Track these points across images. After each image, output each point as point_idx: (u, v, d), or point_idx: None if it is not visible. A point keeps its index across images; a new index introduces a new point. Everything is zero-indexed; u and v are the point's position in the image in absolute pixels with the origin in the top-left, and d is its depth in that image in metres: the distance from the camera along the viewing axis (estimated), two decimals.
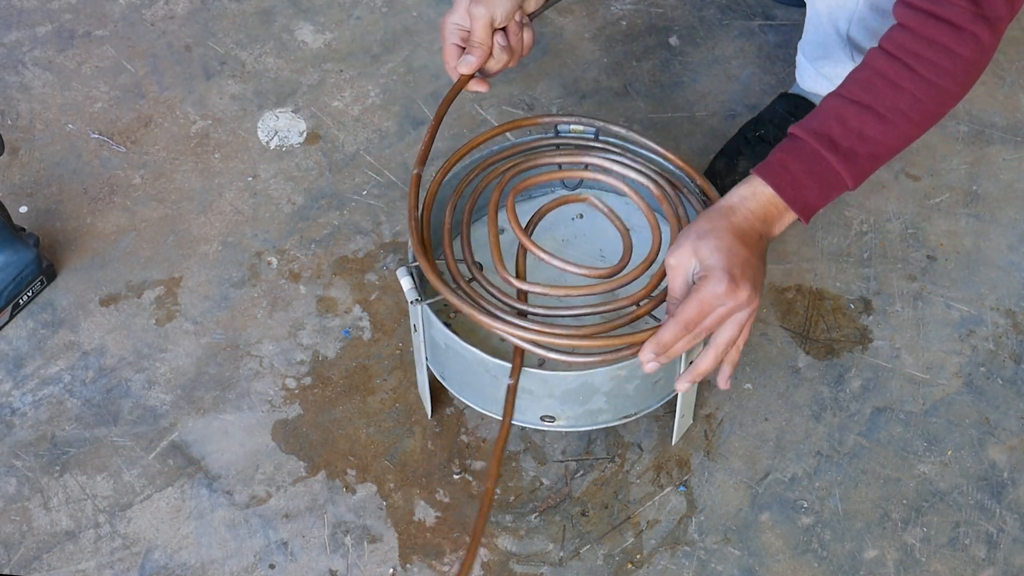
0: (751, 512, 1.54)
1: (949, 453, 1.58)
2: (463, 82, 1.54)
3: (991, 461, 1.57)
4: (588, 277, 1.45)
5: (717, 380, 1.39)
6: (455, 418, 1.62)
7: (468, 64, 1.51)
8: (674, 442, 1.58)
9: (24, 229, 1.72)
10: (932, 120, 1.35)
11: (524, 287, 1.44)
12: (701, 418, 1.61)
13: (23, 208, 1.81)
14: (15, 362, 1.67)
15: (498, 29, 1.51)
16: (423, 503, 1.55)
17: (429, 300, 1.44)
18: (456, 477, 1.57)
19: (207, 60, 1.99)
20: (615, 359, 1.37)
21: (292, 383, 1.65)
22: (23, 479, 1.57)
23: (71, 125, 1.91)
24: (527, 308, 1.43)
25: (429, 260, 1.42)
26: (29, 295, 1.70)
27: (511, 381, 1.39)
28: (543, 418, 1.47)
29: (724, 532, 1.52)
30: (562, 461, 1.58)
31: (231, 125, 1.91)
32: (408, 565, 1.50)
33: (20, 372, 1.66)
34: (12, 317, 1.70)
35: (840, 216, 1.78)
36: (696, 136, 1.89)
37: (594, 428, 1.51)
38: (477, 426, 1.61)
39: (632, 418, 1.49)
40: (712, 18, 2.03)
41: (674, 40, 2.00)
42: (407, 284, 1.45)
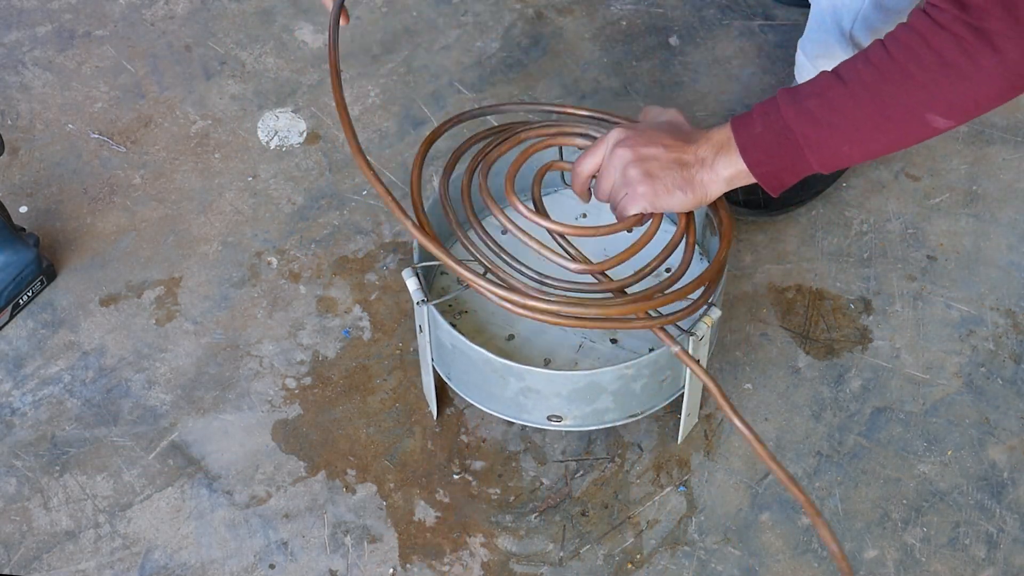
0: (751, 512, 1.54)
1: (949, 453, 1.58)
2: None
3: (991, 461, 1.57)
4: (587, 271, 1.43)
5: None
6: (455, 418, 1.62)
7: None
8: (680, 440, 1.58)
9: (24, 229, 1.72)
10: (911, 96, 1.24)
11: (555, 227, 1.41)
12: (701, 418, 1.61)
13: (23, 208, 1.81)
14: (15, 362, 1.67)
15: None
16: (423, 503, 1.55)
17: (436, 301, 1.44)
18: (456, 477, 1.57)
19: (207, 60, 1.99)
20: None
21: (292, 383, 1.65)
22: (23, 479, 1.57)
23: (71, 125, 1.91)
24: (510, 261, 1.41)
25: (443, 249, 1.38)
26: (29, 295, 1.70)
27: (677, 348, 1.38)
28: (550, 418, 1.47)
29: (724, 532, 1.52)
30: (562, 461, 1.58)
31: (231, 125, 1.91)
32: (408, 565, 1.50)
33: (20, 372, 1.66)
34: (12, 317, 1.70)
35: (840, 216, 1.78)
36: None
37: (602, 427, 1.50)
38: (477, 426, 1.61)
39: (638, 417, 1.49)
40: (712, 18, 2.03)
41: (674, 40, 2.00)
42: (413, 285, 1.45)
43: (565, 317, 1.34)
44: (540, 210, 1.43)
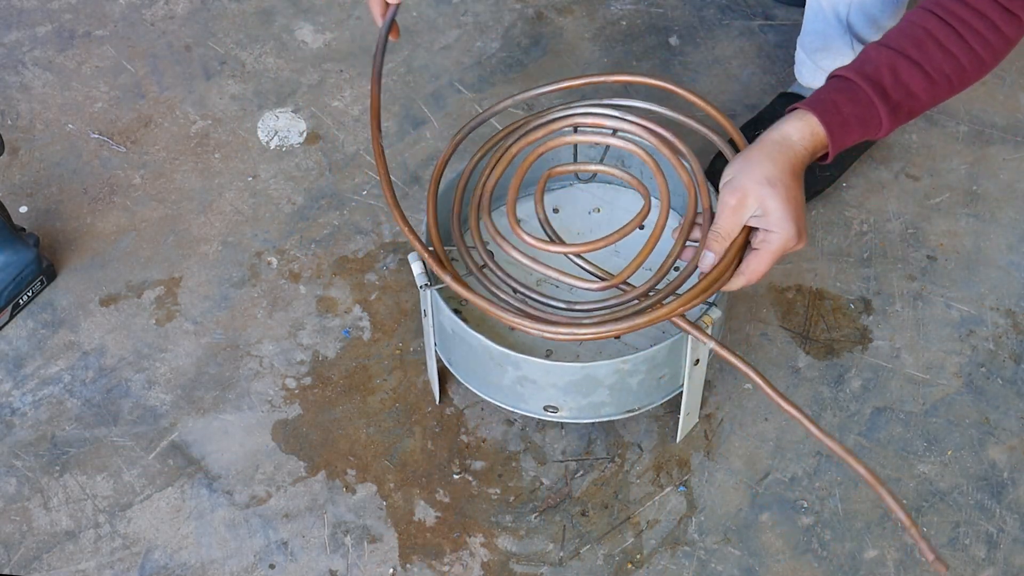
0: (751, 512, 1.54)
1: (949, 453, 1.58)
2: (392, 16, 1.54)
3: (991, 461, 1.57)
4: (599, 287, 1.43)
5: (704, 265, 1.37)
6: (455, 418, 1.62)
7: None
8: (679, 439, 1.58)
9: (24, 229, 1.72)
10: (963, 88, 1.38)
11: (570, 249, 1.42)
12: (701, 418, 1.61)
13: (23, 208, 1.81)
14: (15, 362, 1.67)
15: None
16: (423, 503, 1.55)
17: (439, 285, 1.45)
18: (456, 477, 1.57)
19: (207, 60, 1.99)
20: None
21: (292, 383, 1.65)
22: (23, 479, 1.57)
23: (71, 125, 1.91)
24: (537, 297, 1.42)
25: (474, 293, 1.41)
26: (29, 295, 1.70)
27: None
28: (546, 408, 1.47)
29: (724, 532, 1.52)
30: (562, 461, 1.58)
31: (231, 125, 1.91)
32: (408, 565, 1.50)
33: (20, 372, 1.66)
34: (12, 317, 1.70)
35: (840, 216, 1.78)
36: (696, 136, 1.88)
37: (597, 420, 1.51)
38: (477, 426, 1.61)
39: (635, 413, 1.49)
40: (712, 18, 2.03)
41: (674, 40, 2.00)
42: (417, 269, 1.46)
43: (599, 332, 1.36)
44: (551, 236, 1.44)
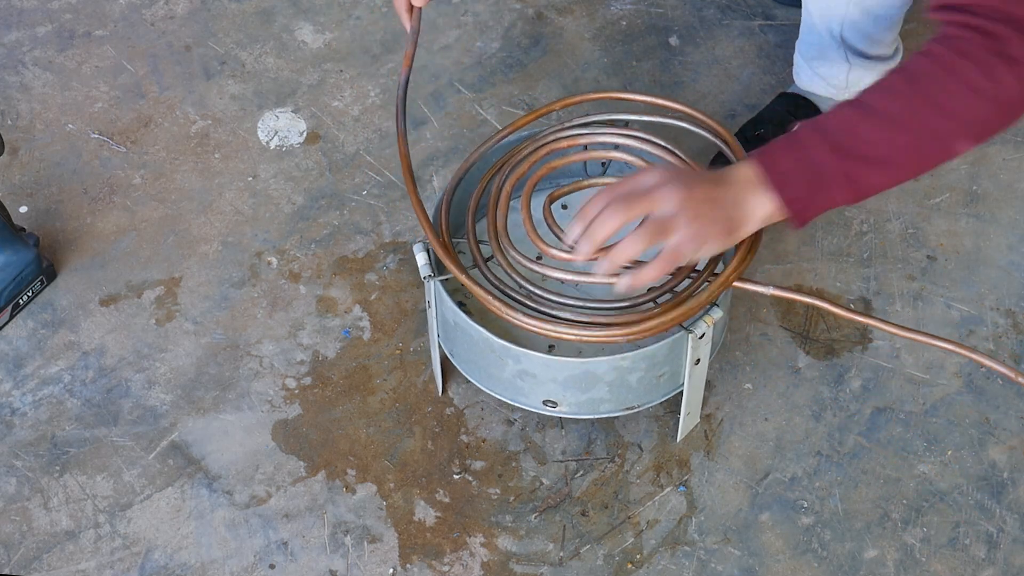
0: (751, 512, 1.54)
1: (949, 453, 1.58)
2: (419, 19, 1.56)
3: (991, 461, 1.57)
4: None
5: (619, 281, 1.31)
6: (455, 418, 1.62)
7: None
8: (679, 439, 1.58)
9: (24, 229, 1.72)
10: (932, 144, 1.26)
11: (546, 271, 1.42)
12: (701, 418, 1.61)
13: (23, 208, 1.81)
14: (15, 362, 1.67)
15: None
16: (423, 503, 1.55)
17: (442, 277, 1.45)
18: (456, 477, 1.57)
19: (207, 60, 1.99)
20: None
21: (292, 383, 1.65)
22: (23, 479, 1.57)
23: (71, 125, 1.91)
24: (542, 293, 1.42)
25: (446, 242, 1.42)
26: (29, 295, 1.70)
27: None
28: (545, 402, 1.47)
29: (724, 532, 1.52)
30: (562, 461, 1.58)
31: (231, 125, 1.91)
32: (408, 565, 1.50)
33: (20, 372, 1.66)
34: (12, 317, 1.70)
35: (840, 216, 1.78)
36: (696, 136, 1.88)
37: (596, 417, 1.51)
38: (477, 426, 1.61)
39: (635, 411, 1.50)
40: (712, 18, 2.03)
41: (674, 40, 2.00)
42: (422, 260, 1.47)
43: (615, 335, 1.37)
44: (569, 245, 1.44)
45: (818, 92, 1.76)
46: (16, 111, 1.93)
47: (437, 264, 1.48)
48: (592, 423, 1.60)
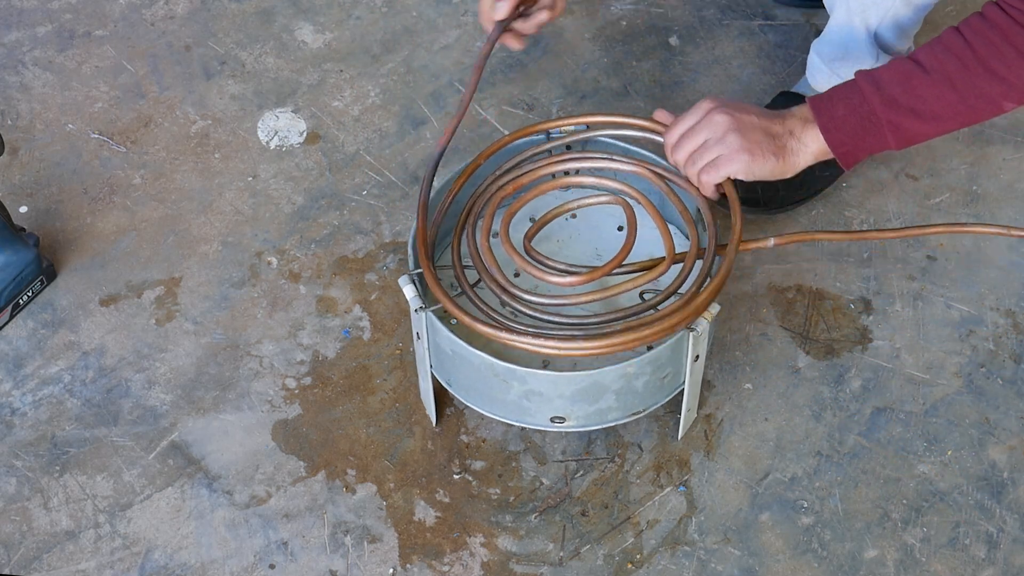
0: (751, 512, 1.54)
1: (949, 453, 1.58)
2: (498, 33, 1.56)
3: (991, 461, 1.57)
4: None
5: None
6: (455, 418, 1.62)
7: (502, 10, 1.54)
8: (680, 436, 1.58)
9: (24, 229, 1.72)
10: (984, 103, 1.36)
11: (544, 301, 1.44)
12: (701, 418, 1.61)
13: (23, 208, 1.81)
14: (15, 362, 1.67)
15: None
16: (423, 503, 1.55)
17: (433, 307, 1.44)
18: (456, 477, 1.57)
19: (207, 60, 1.99)
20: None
21: (292, 383, 1.65)
22: (23, 479, 1.57)
23: (71, 125, 1.91)
24: (530, 311, 1.43)
25: (430, 268, 1.43)
26: (29, 295, 1.70)
27: None
28: (553, 419, 1.47)
29: (724, 532, 1.52)
30: (562, 461, 1.58)
31: (231, 125, 1.91)
32: (408, 565, 1.50)
33: (20, 372, 1.66)
34: (12, 317, 1.70)
35: (840, 216, 1.78)
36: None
37: (604, 427, 1.51)
38: (477, 426, 1.61)
39: (641, 415, 1.49)
40: (712, 18, 2.03)
41: (674, 40, 2.00)
42: (410, 292, 1.45)
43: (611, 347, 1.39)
44: (569, 272, 1.46)
45: None
46: (16, 111, 1.93)
47: (426, 293, 1.48)
48: None
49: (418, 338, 1.49)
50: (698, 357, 1.47)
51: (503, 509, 1.54)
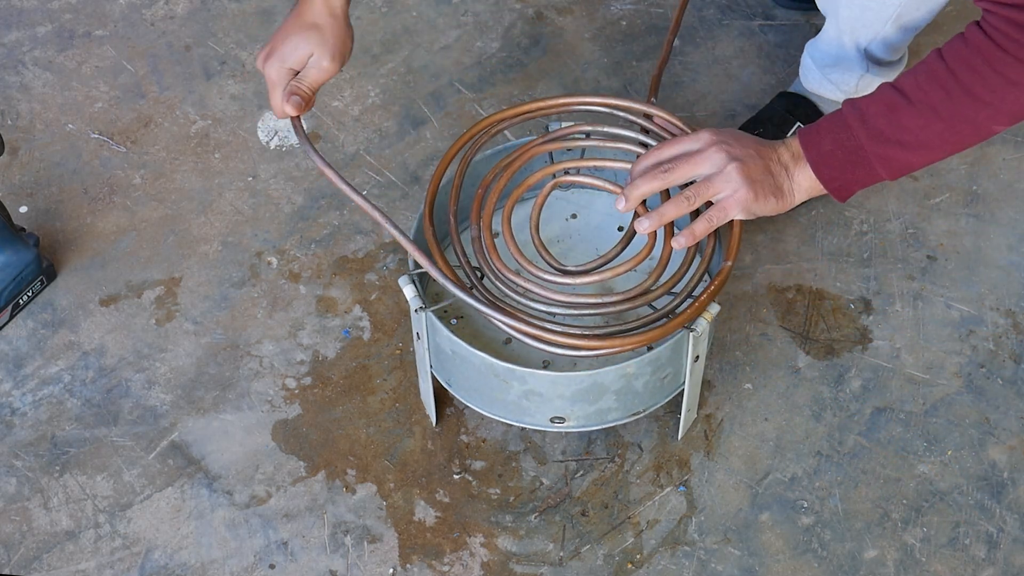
0: (751, 512, 1.54)
1: (949, 453, 1.58)
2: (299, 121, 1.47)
3: (991, 461, 1.57)
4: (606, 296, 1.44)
5: (673, 240, 1.40)
6: (455, 418, 1.62)
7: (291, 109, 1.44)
8: (680, 437, 1.58)
9: (24, 229, 1.72)
10: (971, 129, 1.33)
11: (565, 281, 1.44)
12: (701, 418, 1.61)
13: (23, 208, 1.81)
14: (15, 362, 1.67)
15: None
16: (423, 503, 1.55)
17: (433, 307, 1.44)
18: (456, 477, 1.57)
19: (207, 60, 1.99)
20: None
21: (292, 383, 1.65)
22: (23, 479, 1.57)
23: (71, 125, 1.91)
24: (537, 302, 1.42)
25: (445, 262, 1.42)
26: (29, 295, 1.70)
27: None
28: (553, 420, 1.47)
29: (724, 532, 1.52)
30: (562, 461, 1.58)
31: (231, 125, 1.91)
32: (408, 565, 1.50)
33: (20, 372, 1.66)
34: (12, 317, 1.70)
35: (840, 216, 1.78)
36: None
37: (604, 427, 1.51)
38: (477, 426, 1.61)
39: (641, 415, 1.49)
40: (712, 18, 2.03)
41: (674, 40, 2.00)
42: (410, 292, 1.45)
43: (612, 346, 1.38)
44: (565, 270, 1.45)
45: (826, 95, 1.76)
46: (16, 111, 1.93)
47: (426, 294, 1.47)
48: None
49: (418, 338, 1.49)
50: (698, 357, 1.47)
51: (503, 509, 1.54)
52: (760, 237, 1.76)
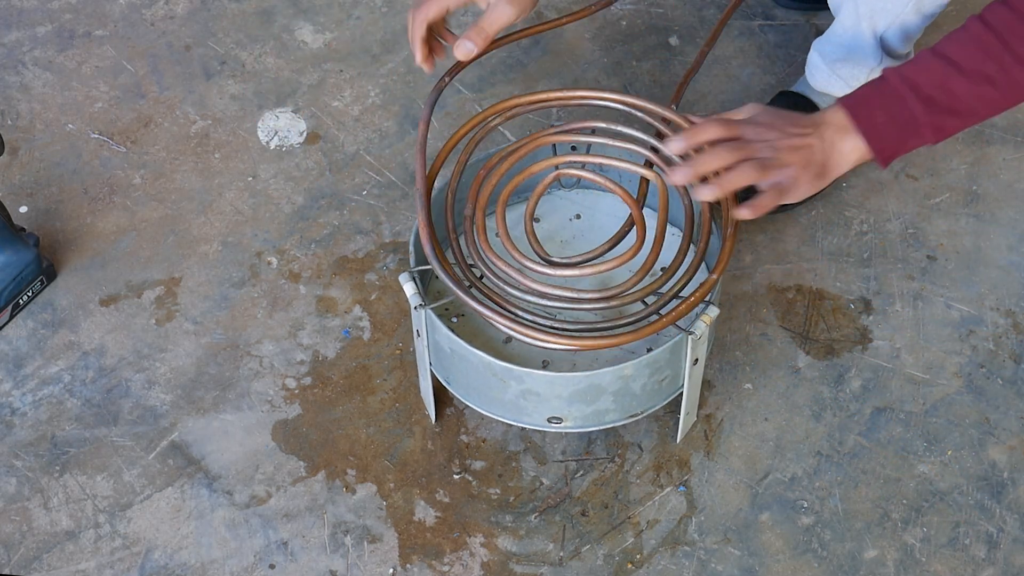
0: (751, 512, 1.54)
1: (949, 453, 1.58)
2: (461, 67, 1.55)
3: (991, 461, 1.57)
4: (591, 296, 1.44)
5: (736, 211, 1.39)
6: (455, 418, 1.62)
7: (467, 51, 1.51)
8: (679, 439, 1.58)
9: (24, 229, 1.72)
10: (1017, 92, 1.36)
11: (556, 272, 1.43)
12: (701, 418, 1.61)
13: (23, 208, 1.81)
14: (15, 362, 1.67)
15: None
16: (423, 503, 1.55)
17: (433, 305, 1.44)
18: (456, 477, 1.57)
19: (207, 60, 1.99)
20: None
21: (292, 383, 1.65)
22: (23, 479, 1.57)
23: (71, 125, 1.91)
24: (539, 299, 1.42)
25: (444, 261, 1.42)
26: (29, 295, 1.70)
27: None
28: (550, 419, 1.47)
29: (724, 532, 1.52)
30: (562, 461, 1.58)
31: (231, 125, 1.91)
32: (408, 565, 1.50)
33: (20, 372, 1.66)
34: (12, 317, 1.70)
35: (840, 216, 1.78)
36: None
37: (602, 428, 1.51)
38: (477, 426, 1.61)
39: (638, 417, 1.49)
40: (712, 18, 2.03)
41: (674, 40, 2.00)
42: (410, 289, 1.45)
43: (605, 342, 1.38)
44: (558, 263, 1.44)
45: (835, 93, 1.75)
46: (16, 111, 1.93)
47: (426, 291, 1.47)
48: None
49: (418, 335, 1.49)
50: (697, 361, 1.47)
51: (503, 509, 1.54)
52: (760, 237, 1.76)
